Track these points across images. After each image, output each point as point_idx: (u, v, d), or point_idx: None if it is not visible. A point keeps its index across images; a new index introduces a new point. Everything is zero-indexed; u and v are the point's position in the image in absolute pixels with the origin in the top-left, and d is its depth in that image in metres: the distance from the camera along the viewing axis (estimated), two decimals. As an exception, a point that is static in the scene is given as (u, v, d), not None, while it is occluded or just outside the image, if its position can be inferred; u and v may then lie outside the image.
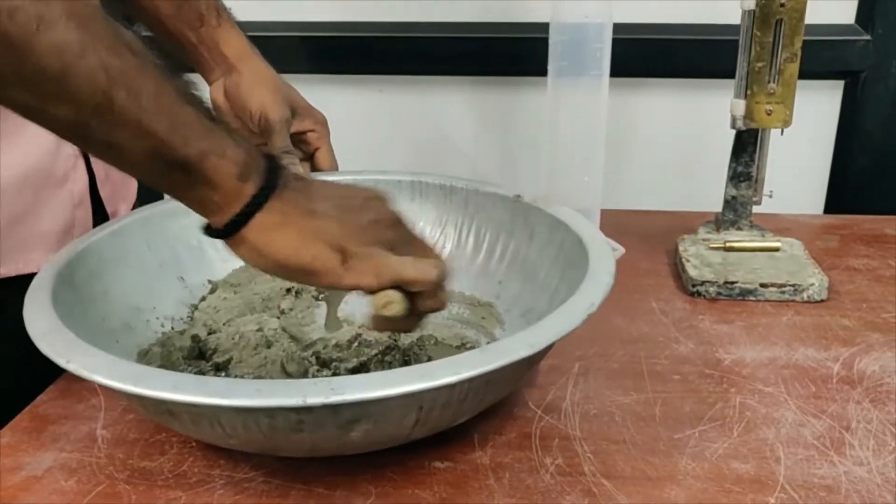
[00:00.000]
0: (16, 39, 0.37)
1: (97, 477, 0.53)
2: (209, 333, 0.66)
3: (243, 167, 0.45)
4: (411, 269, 0.48)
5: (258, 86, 0.76)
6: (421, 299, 0.50)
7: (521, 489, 0.52)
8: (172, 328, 0.66)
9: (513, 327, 0.67)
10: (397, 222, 0.51)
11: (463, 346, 0.67)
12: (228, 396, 0.43)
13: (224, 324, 0.67)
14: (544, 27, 0.80)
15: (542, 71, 0.82)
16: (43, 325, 0.51)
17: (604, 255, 0.60)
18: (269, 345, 0.65)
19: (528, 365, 0.56)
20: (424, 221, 0.75)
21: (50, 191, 0.70)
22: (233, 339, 0.65)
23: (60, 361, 0.47)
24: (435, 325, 0.69)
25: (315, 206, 0.47)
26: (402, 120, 1.20)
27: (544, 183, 0.87)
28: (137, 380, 0.45)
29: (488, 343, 0.66)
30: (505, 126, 1.18)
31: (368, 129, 1.21)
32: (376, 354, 0.64)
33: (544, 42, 0.81)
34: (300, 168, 0.77)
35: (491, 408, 0.58)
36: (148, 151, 0.42)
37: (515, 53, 1.12)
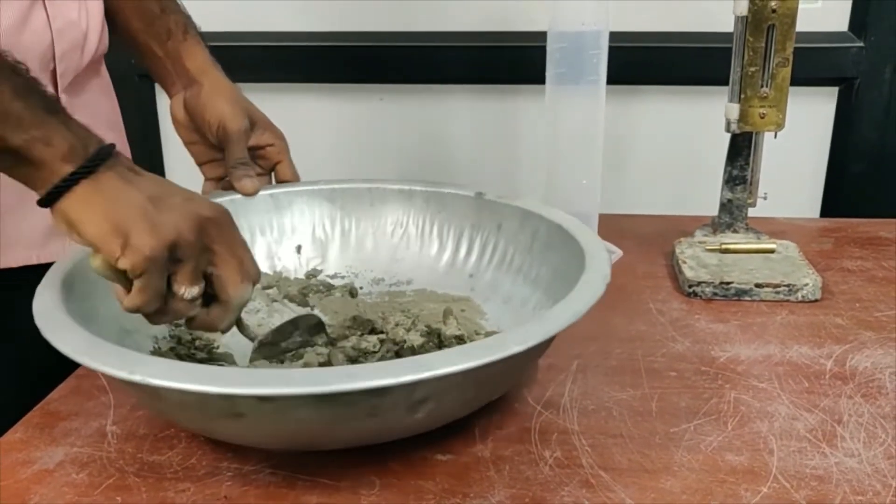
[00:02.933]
0: None
1: (108, 470, 0.55)
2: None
3: (68, 151, 0.51)
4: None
5: (217, 97, 0.78)
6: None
7: (520, 480, 0.53)
8: (159, 346, 0.66)
9: (497, 315, 0.69)
10: (212, 228, 0.54)
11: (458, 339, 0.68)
12: (325, 383, 0.45)
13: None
14: (542, 36, 0.82)
15: (540, 79, 0.84)
16: (79, 340, 0.50)
17: (587, 233, 0.64)
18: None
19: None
20: (387, 224, 0.78)
21: None
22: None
23: (122, 374, 0.47)
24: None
25: (126, 191, 0.52)
26: (402, 128, 1.22)
27: (544, 188, 0.88)
28: (214, 379, 0.46)
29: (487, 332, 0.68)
30: (504, 133, 1.20)
31: (369, 138, 1.23)
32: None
33: (542, 50, 0.82)
34: (255, 181, 0.77)
35: (491, 403, 0.59)
36: None
37: (514, 62, 1.14)
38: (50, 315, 0.53)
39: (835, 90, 1.14)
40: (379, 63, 1.19)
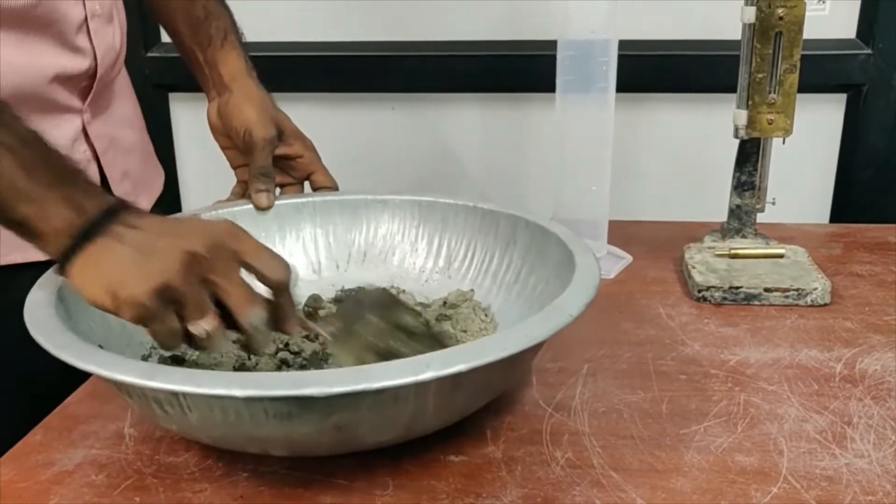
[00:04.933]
0: None
1: (126, 471, 0.55)
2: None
3: (66, 225, 0.52)
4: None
5: (245, 105, 0.79)
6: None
7: (532, 480, 0.54)
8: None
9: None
10: (203, 259, 0.52)
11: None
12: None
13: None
14: (552, 45, 0.83)
15: (550, 87, 0.85)
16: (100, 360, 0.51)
17: (569, 235, 0.66)
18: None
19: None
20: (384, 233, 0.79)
21: None
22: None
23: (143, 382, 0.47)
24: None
25: (113, 250, 0.52)
26: (413, 136, 1.23)
27: (553, 195, 0.89)
28: (248, 382, 0.46)
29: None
30: (514, 141, 1.21)
31: (381, 146, 1.24)
32: None
33: (552, 59, 0.83)
34: (271, 196, 0.78)
35: (502, 406, 0.60)
36: None
37: (524, 70, 1.15)
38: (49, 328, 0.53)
39: (843, 97, 1.14)
40: (390, 72, 1.20)
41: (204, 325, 0.51)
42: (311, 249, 0.79)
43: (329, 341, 0.58)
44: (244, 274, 0.53)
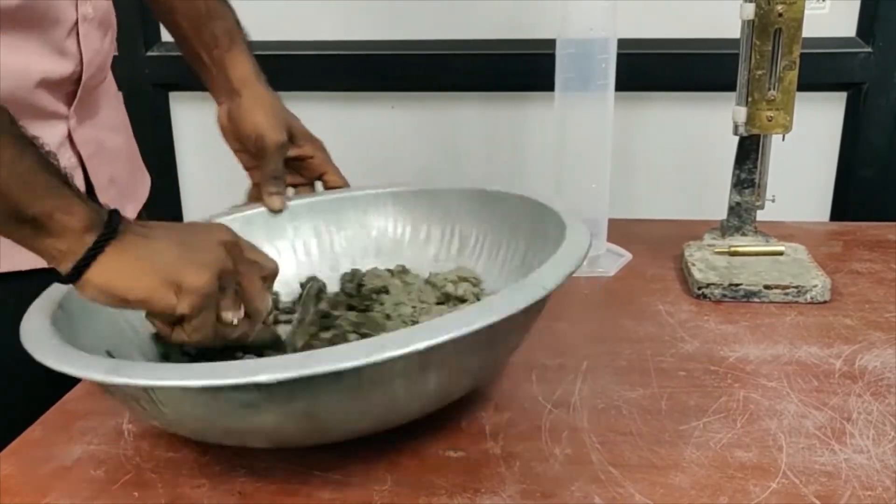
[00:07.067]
0: None
1: (125, 467, 0.55)
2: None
3: (86, 221, 0.52)
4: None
5: (255, 109, 0.79)
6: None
7: (531, 476, 0.54)
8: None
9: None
10: (234, 248, 0.56)
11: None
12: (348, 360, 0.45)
13: None
14: (551, 43, 0.83)
15: (549, 86, 0.85)
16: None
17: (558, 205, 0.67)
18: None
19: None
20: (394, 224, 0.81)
21: None
22: None
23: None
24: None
25: (153, 245, 0.53)
26: (413, 135, 1.23)
27: (553, 192, 0.89)
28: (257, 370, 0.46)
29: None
30: (514, 139, 1.21)
31: (381, 145, 1.24)
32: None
33: (551, 58, 0.83)
34: (283, 198, 0.79)
35: (502, 402, 0.60)
36: (2, 209, 0.50)
37: (523, 69, 1.15)
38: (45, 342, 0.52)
39: (843, 95, 1.14)
40: (390, 71, 1.20)
41: (237, 314, 0.56)
42: (327, 246, 0.80)
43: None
44: None
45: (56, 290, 0.58)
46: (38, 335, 0.52)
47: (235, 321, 0.56)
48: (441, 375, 0.51)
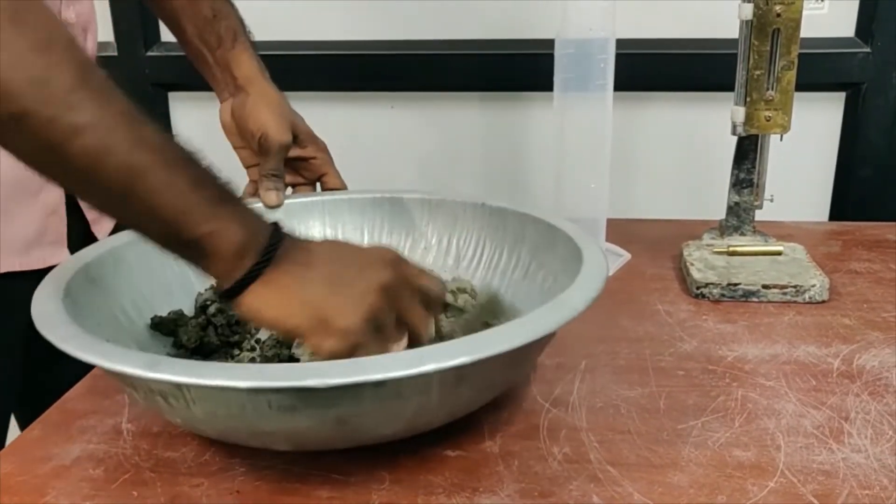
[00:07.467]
0: (55, 146, 0.44)
1: (124, 466, 0.56)
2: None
3: (243, 245, 0.50)
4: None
5: (261, 108, 0.79)
6: None
7: (529, 475, 0.54)
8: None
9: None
10: (393, 287, 0.53)
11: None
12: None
13: None
14: (550, 43, 0.83)
15: (548, 86, 0.85)
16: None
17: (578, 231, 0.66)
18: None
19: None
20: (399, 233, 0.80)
21: (22, 199, 0.73)
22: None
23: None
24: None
25: (307, 278, 0.51)
26: (412, 135, 1.23)
27: (552, 192, 0.89)
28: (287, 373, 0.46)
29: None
30: (513, 139, 1.21)
31: (380, 145, 1.24)
32: None
33: (550, 58, 0.83)
34: (280, 194, 0.78)
35: (500, 401, 0.60)
36: (160, 232, 0.49)
37: (522, 69, 1.15)
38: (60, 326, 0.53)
39: (842, 95, 1.14)
40: (389, 71, 1.20)
41: (400, 346, 0.54)
42: None
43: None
44: None
45: (60, 273, 0.59)
46: (62, 328, 0.51)
47: (399, 350, 0.54)
48: (472, 387, 0.53)
